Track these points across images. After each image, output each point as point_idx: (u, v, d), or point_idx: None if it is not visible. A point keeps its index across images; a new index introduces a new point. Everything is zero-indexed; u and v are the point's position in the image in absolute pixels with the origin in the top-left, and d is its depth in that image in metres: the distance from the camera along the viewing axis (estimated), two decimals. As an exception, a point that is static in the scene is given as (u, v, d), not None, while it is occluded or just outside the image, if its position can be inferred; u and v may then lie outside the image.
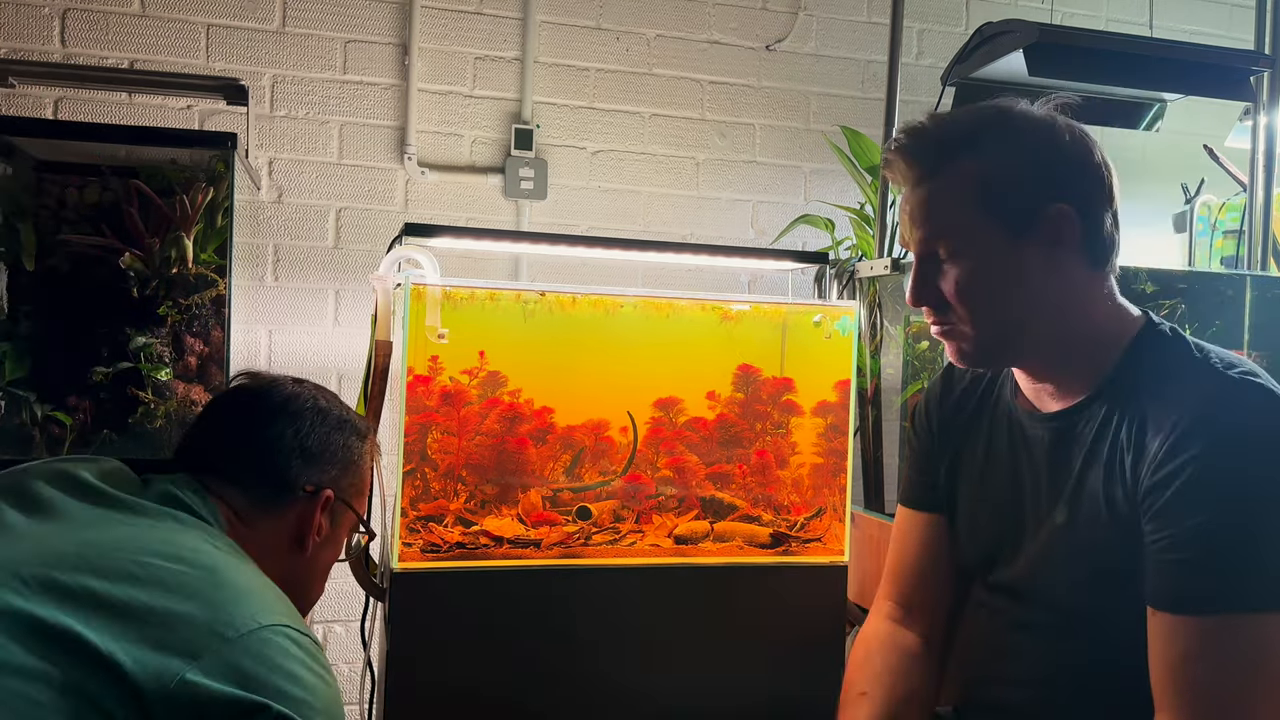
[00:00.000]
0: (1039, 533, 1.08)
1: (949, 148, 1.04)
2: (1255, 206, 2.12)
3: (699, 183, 2.63)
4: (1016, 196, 1.02)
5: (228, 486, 1.08)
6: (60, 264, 1.79)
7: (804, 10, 2.69)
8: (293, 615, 0.93)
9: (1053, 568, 1.06)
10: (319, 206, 2.38)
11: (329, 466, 1.17)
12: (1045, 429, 1.10)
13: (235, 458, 1.11)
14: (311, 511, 1.13)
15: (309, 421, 1.16)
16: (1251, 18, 2.25)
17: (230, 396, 1.20)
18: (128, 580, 0.85)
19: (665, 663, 1.61)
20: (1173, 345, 1.04)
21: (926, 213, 1.05)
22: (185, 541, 0.93)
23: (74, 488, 0.99)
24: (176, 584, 0.86)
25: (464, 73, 2.46)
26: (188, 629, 0.83)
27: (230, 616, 0.85)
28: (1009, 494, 1.13)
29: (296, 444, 1.14)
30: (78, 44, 2.24)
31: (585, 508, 1.63)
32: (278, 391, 1.18)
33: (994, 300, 1.04)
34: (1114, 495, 1.00)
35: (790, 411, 1.71)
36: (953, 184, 1.04)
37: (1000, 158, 1.03)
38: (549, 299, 1.61)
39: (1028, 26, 1.83)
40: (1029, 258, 1.02)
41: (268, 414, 1.15)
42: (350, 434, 1.20)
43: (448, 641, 1.52)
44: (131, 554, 0.88)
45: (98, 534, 0.91)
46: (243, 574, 0.93)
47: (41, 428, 1.75)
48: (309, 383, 1.23)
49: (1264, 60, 2.04)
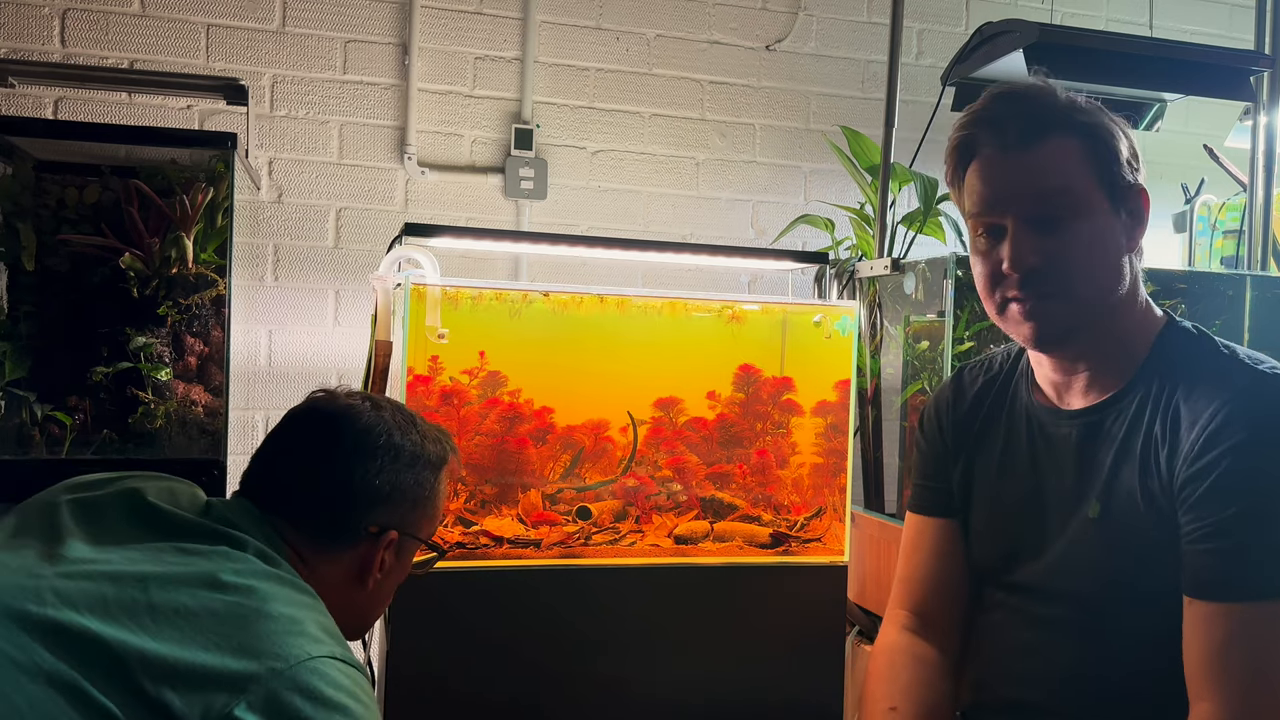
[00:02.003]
0: (1067, 530, 1.08)
1: (1062, 111, 1.04)
2: (1255, 206, 2.12)
3: (699, 183, 2.63)
4: (1118, 167, 1.04)
5: (290, 523, 1.06)
6: (60, 264, 1.79)
7: (804, 10, 2.69)
8: (341, 644, 0.92)
9: (1083, 564, 1.06)
10: (319, 206, 2.38)
11: (397, 507, 1.12)
12: (1072, 425, 1.10)
13: (301, 498, 1.07)
14: (375, 551, 1.10)
15: (381, 460, 1.10)
16: (1251, 18, 2.25)
17: (303, 425, 1.14)
18: (179, 614, 0.85)
19: (665, 662, 1.61)
20: (1199, 342, 1.06)
21: (1043, 171, 1.03)
22: (238, 570, 0.92)
23: (135, 511, 0.98)
24: (228, 615, 0.86)
25: (464, 73, 2.46)
26: (236, 663, 0.83)
27: (279, 648, 0.85)
28: (1030, 493, 1.13)
29: (365, 487, 1.09)
30: (78, 44, 2.24)
31: (585, 508, 1.63)
32: (352, 423, 1.11)
33: (1099, 267, 1.04)
34: (1149, 489, 1.01)
35: (790, 411, 1.71)
36: (1070, 146, 1.03)
37: (1104, 128, 1.05)
38: (552, 299, 1.61)
39: (1028, 26, 1.83)
40: (1121, 233, 1.05)
41: (339, 453, 1.09)
42: (423, 469, 1.14)
43: (447, 641, 1.52)
44: (185, 585, 0.88)
45: (154, 565, 0.90)
46: (294, 604, 0.92)
47: (41, 428, 1.75)
48: (386, 405, 1.16)
49: (1264, 60, 2.04)
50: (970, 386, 1.24)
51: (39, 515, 0.97)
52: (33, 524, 0.96)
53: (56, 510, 0.97)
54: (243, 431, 2.28)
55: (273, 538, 1.02)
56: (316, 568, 1.05)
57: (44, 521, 0.96)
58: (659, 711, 1.61)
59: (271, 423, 1.16)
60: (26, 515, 0.98)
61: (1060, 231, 1.02)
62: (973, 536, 1.20)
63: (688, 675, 1.62)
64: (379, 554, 1.10)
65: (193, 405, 1.79)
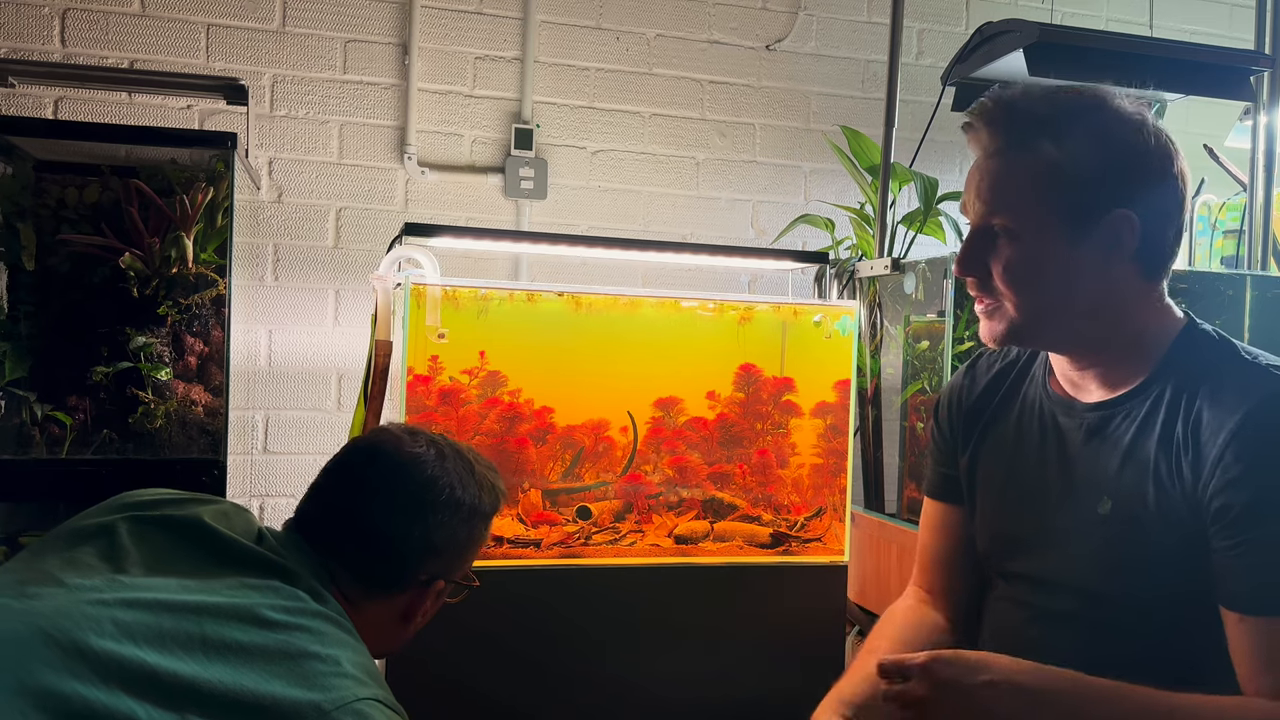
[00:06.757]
0: (1076, 525, 1.08)
1: (1033, 127, 1.03)
2: (1255, 206, 2.12)
3: (699, 183, 2.63)
4: (1085, 194, 1.02)
5: (342, 565, 1.06)
6: (60, 264, 1.79)
7: (804, 10, 2.69)
8: (383, 687, 0.94)
9: (1091, 560, 1.06)
10: (319, 206, 2.37)
11: (449, 558, 1.13)
12: (1083, 419, 1.10)
13: (356, 544, 1.07)
14: (423, 598, 1.12)
15: (441, 516, 1.11)
16: (1251, 18, 2.25)
17: (365, 470, 1.13)
18: (230, 649, 0.86)
19: (665, 662, 1.61)
20: (1220, 346, 1.05)
21: (993, 185, 1.04)
22: (289, 609, 0.93)
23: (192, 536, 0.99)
24: (277, 652, 0.87)
25: (464, 72, 2.46)
26: (283, 700, 0.84)
27: (325, 689, 0.86)
28: (1038, 483, 1.13)
29: (422, 541, 1.10)
30: (78, 44, 2.24)
31: (585, 508, 1.63)
32: (415, 476, 1.11)
33: (1038, 288, 1.04)
34: (1164, 490, 1.01)
35: (790, 411, 1.72)
36: (1027, 164, 1.03)
37: (1079, 151, 1.02)
38: (552, 299, 1.61)
39: (1028, 26, 1.83)
40: (1082, 255, 1.02)
41: (400, 506, 1.09)
42: (478, 520, 1.15)
43: (448, 641, 1.52)
44: (238, 620, 0.89)
45: (209, 595, 0.91)
46: (341, 644, 0.93)
47: (41, 428, 1.75)
48: (450, 453, 1.15)
49: (1264, 60, 2.04)
50: (984, 375, 1.25)
51: (98, 534, 0.97)
52: (89, 542, 0.96)
53: (115, 530, 0.97)
54: (242, 431, 2.28)
55: (323, 576, 1.03)
56: (363, 608, 1.07)
57: (103, 540, 0.96)
58: (659, 711, 1.61)
59: (271, 423, 1.17)
60: (83, 531, 0.98)
61: (1000, 248, 1.04)
62: (978, 522, 1.21)
63: (688, 675, 1.62)
64: (427, 600, 1.13)
65: (193, 405, 1.79)
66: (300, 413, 2.33)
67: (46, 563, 0.92)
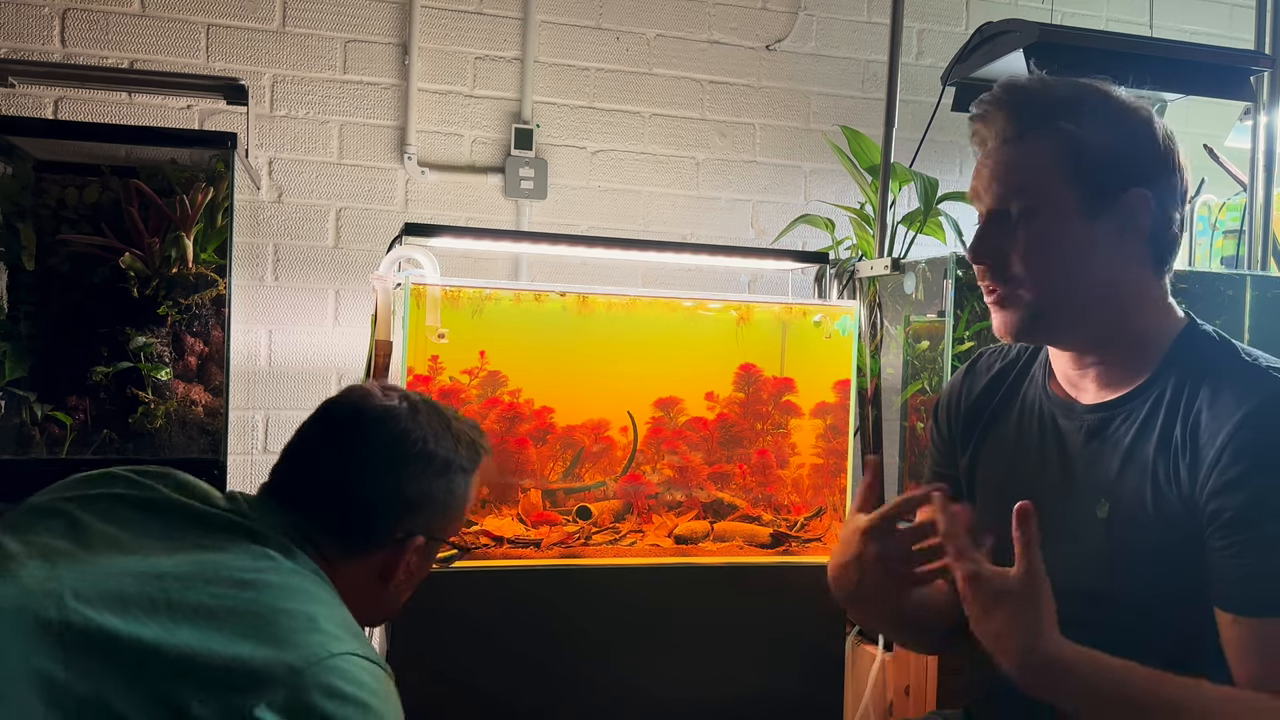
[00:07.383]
0: (1074, 528, 1.08)
1: (1050, 109, 1.04)
2: (1255, 206, 2.12)
3: (699, 183, 2.63)
4: (1104, 173, 1.02)
5: (315, 524, 1.04)
6: (60, 264, 1.79)
7: (804, 10, 2.69)
8: (361, 641, 0.92)
9: (1090, 563, 1.06)
10: (319, 206, 2.37)
11: (426, 513, 1.10)
12: (1083, 421, 1.10)
13: (328, 501, 1.06)
14: (400, 555, 1.09)
15: (413, 468, 1.08)
16: (1251, 18, 2.25)
17: (336, 425, 1.11)
18: (198, 612, 0.84)
19: (665, 662, 1.61)
20: (1220, 347, 1.05)
21: (1011, 168, 1.04)
22: (259, 567, 0.92)
23: (151, 505, 0.98)
24: (247, 612, 0.86)
25: (464, 72, 2.46)
26: (255, 660, 0.82)
27: (299, 646, 0.84)
28: (1037, 484, 1.13)
29: (396, 494, 1.07)
30: (78, 44, 2.24)
31: (585, 508, 1.63)
32: (387, 428, 1.09)
33: (1058, 269, 1.03)
34: (1162, 493, 1.01)
35: (790, 412, 1.72)
36: (1045, 145, 1.03)
37: (1098, 129, 1.03)
38: (551, 299, 1.61)
39: (1028, 26, 1.83)
40: (1099, 236, 1.03)
41: (371, 459, 1.07)
42: (455, 474, 1.12)
43: (448, 641, 1.52)
44: (204, 582, 0.87)
45: (172, 562, 0.90)
46: (315, 600, 0.92)
47: (41, 428, 1.75)
48: (423, 407, 1.13)
49: (1264, 60, 2.04)
50: (984, 375, 1.25)
51: (56, 511, 0.96)
52: (44, 523, 0.95)
53: (70, 508, 0.96)
54: (243, 431, 2.28)
55: (295, 535, 1.01)
56: (339, 567, 1.04)
57: (62, 518, 0.95)
58: (659, 711, 1.61)
59: (272, 423, 1.16)
60: (41, 509, 0.97)
61: (1017, 232, 1.04)
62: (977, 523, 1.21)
63: (688, 675, 1.62)
64: (404, 558, 1.09)
65: (193, 405, 1.79)
66: (300, 413, 2.30)
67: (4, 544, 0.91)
